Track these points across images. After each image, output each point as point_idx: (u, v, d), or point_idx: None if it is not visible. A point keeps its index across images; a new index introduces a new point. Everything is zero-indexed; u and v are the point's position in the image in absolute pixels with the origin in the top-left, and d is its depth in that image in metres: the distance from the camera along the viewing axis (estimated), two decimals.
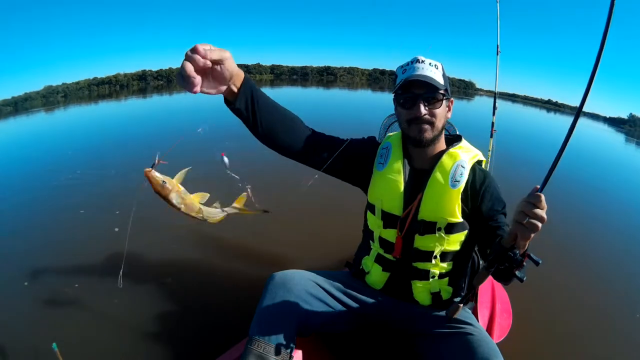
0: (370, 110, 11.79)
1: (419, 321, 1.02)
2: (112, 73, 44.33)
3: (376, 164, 1.04)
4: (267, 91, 0.88)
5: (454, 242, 0.97)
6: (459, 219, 0.94)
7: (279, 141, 0.95)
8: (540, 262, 0.76)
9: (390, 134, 1.10)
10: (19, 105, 21.20)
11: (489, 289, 1.57)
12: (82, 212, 2.92)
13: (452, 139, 1.05)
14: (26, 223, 2.87)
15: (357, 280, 1.10)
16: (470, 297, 1.02)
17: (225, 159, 0.81)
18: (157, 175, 0.64)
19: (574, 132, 0.71)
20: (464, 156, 0.98)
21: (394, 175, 0.99)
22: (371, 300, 1.05)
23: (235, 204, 0.79)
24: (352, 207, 1.19)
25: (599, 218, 3.42)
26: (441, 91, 0.92)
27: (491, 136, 2.19)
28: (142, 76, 46.57)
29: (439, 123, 0.95)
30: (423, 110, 0.92)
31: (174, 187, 0.65)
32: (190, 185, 0.69)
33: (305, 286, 0.98)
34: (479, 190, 0.96)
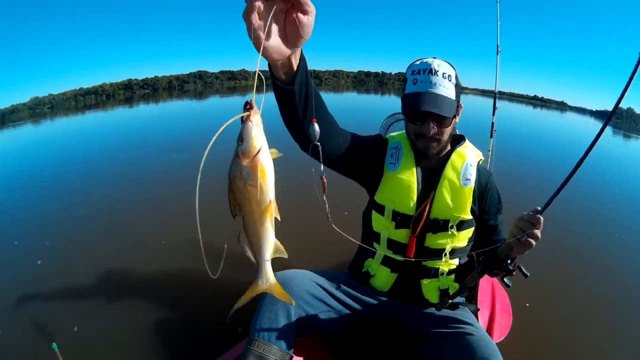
0: (360, 112, 11.74)
1: (419, 321, 1.02)
2: (98, 83, 44.48)
3: (387, 164, 1.02)
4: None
5: (463, 239, 0.99)
6: (469, 215, 0.97)
7: (325, 145, 0.75)
8: (528, 274, 0.86)
9: (394, 133, 1.09)
10: (5, 118, 21.13)
11: (489, 289, 1.57)
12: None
13: (457, 139, 1.05)
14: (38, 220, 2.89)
15: (358, 281, 1.10)
16: (472, 299, 1.03)
17: (324, 179, 0.63)
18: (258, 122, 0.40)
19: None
20: (470, 156, 1.00)
21: (407, 176, 0.98)
22: (372, 301, 1.05)
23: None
24: (354, 208, 1.19)
25: (599, 217, 3.41)
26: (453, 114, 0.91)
27: (491, 136, 2.18)
28: (128, 85, 46.96)
29: (446, 137, 0.95)
30: (432, 130, 0.91)
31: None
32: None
33: (305, 286, 0.98)
34: (485, 189, 1.00)
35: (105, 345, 1.54)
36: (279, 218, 0.45)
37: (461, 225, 0.97)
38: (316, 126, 0.60)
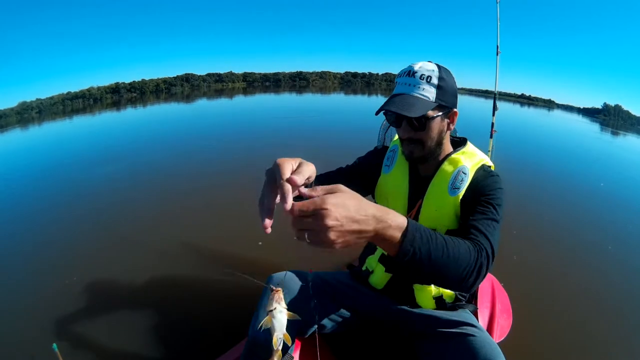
0: (353, 114, 11.68)
1: (419, 322, 1.02)
2: (86, 87, 44.05)
3: (383, 166, 1.05)
4: (242, 99, 0.78)
5: None
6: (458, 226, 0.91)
7: None
8: None
9: (396, 137, 1.06)
10: None
11: (489, 289, 1.57)
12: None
13: (458, 142, 1.01)
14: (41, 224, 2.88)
15: (357, 281, 1.10)
16: (471, 299, 1.02)
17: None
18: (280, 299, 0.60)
19: None
20: (467, 162, 0.92)
21: (398, 179, 0.99)
22: (371, 301, 1.05)
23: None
24: None
25: (599, 218, 3.42)
26: (423, 115, 0.84)
27: (491, 136, 2.19)
28: (115, 89, 46.81)
29: (431, 142, 0.90)
30: (405, 133, 0.89)
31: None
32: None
33: (305, 286, 0.98)
34: (475, 187, 0.88)
35: (105, 345, 1.53)
36: (289, 344, 0.62)
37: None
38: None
